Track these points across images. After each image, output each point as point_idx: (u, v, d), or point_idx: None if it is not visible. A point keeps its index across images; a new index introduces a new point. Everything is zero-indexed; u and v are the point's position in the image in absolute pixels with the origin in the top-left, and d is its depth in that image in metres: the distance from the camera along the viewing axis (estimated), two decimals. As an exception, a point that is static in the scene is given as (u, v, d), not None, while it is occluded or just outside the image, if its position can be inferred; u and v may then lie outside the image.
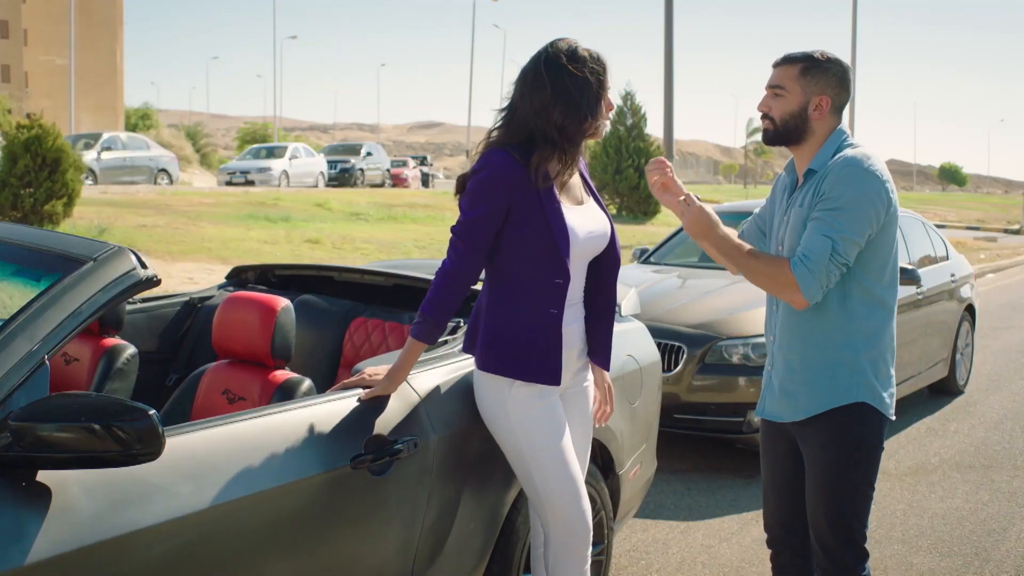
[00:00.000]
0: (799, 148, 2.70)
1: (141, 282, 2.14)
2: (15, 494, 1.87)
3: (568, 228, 2.54)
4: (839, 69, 2.66)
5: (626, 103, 23.73)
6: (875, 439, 2.68)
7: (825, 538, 2.71)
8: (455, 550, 2.72)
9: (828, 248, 2.50)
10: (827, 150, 2.64)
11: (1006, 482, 5.36)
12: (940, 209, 44.38)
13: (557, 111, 2.49)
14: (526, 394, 2.61)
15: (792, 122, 2.65)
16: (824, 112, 2.64)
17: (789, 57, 2.68)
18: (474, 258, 2.55)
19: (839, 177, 2.54)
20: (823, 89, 2.64)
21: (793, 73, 2.65)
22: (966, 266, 7.93)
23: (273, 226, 15.62)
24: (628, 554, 4.22)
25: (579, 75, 2.49)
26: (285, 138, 53.79)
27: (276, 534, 2.27)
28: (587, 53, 2.53)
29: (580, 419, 2.82)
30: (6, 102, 31.47)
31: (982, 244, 23.90)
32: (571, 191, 2.65)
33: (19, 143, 12.14)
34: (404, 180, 34.46)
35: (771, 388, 2.79)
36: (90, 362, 3.33)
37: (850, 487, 2.66)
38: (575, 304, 2.69)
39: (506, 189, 2.49)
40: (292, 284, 4.11)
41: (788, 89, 2.65)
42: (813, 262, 2.50)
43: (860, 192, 2.52)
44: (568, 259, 2.55)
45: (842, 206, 2.51)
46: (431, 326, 2.56)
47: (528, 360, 2.57)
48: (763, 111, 2.70)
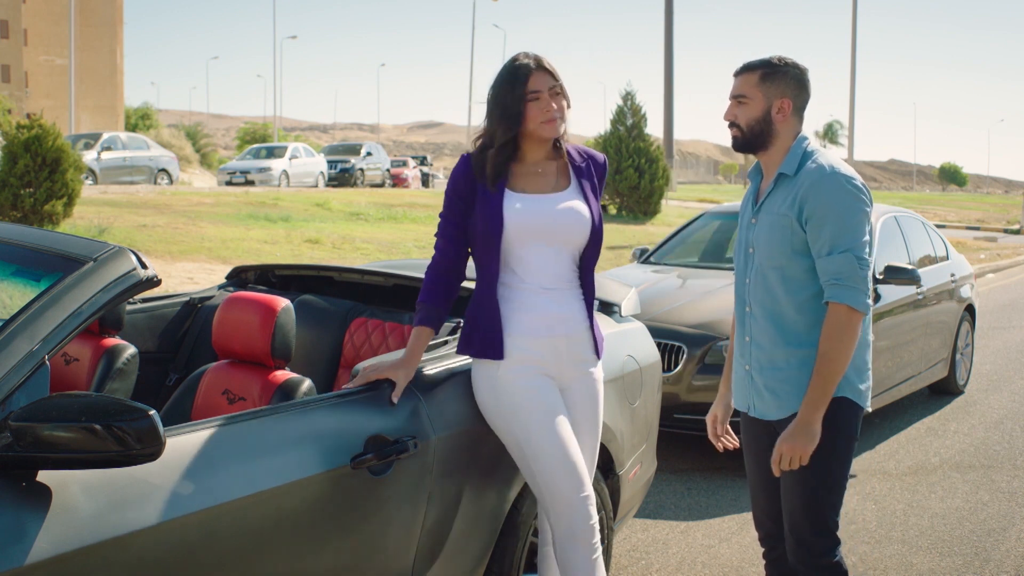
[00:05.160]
0: (767, 153, 2.81)
1: (141, 282, 2.15)
2: (15, 494, 1.87)
3: (502, 212, 2.67)
4: (796, 72, 2.77)
5: (626, 103, 23.69)
6: (852, 430, 2.75)
7: (799, 527, 2.77)
8: (455, 550, 2.72)
9: (853, 260, 2.62)
10: (795, 154, 2.75)
11: (1006, 482, 5.36)
12: (940, 209, 44.36)
13: (489, 121, 2.75)
14: (513, 378, 2.69)
15: (757, 127, 2.77)
16: (787, 114, 2.76)
17: (748, 65, 2.80)
18: (446, 249, 2.76)
19: (822, 192, 2.65)
20: (783, 92, 2.75)
21: (753, 80, 2.76)
22: (966, 266, 7.92)
23: (273, 226, 15.62)
24: (628, 554, 4.22)
25: (499, 88, 2.72)
26: (285, 138, 53.83)
27: (276, 534, 2.27)
28: (513, 64, 2.74)
29: (585, 415, 2.83)
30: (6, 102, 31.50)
31: (982, 244, 23.89)
32: (540, 179, 2.77)
33: (19, 143, 12.13)
34: (404, 180, 34.46)
35: (754, 387, 2.83)
36: (90, 362, 3.33)
37: (827, 477, 2.73)
38: (553, 289, 2.74)
39: (454, 187, 2.75)
40: (292, 284, 4.11)
41: (750, 96, 2.76)
42: (847, 279, 2.61)
43: (848, 202, 2.64)
44: (499, 242, 2.68)
45: (841, 216, 2.63)
46: (425, 311, 2.74)
47: (474, 335, 2.73)
48: (730, 120, 2.82)
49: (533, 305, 2.72)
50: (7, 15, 53.31)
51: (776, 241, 2.73)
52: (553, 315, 2.73)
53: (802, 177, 2.70)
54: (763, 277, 2.77)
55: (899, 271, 5.98)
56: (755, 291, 2.81)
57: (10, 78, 53.57)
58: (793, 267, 2.71)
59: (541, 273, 2.73)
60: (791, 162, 2.74)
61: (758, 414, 2.84)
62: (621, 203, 23.01)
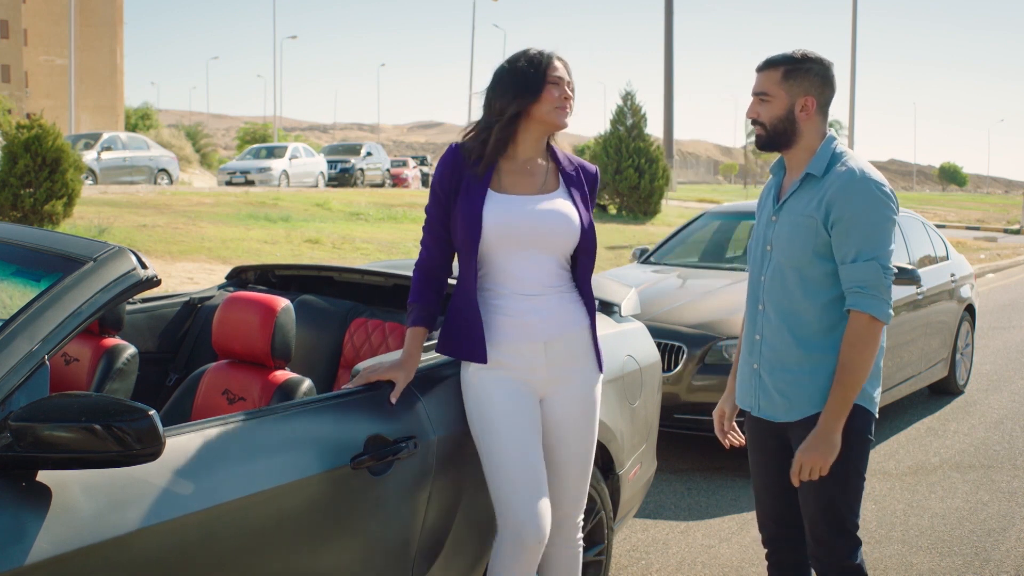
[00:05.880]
0: (791, 151, 2.74)
1: (141, 282, 2.15)
2: (15, 494, 1.87)
3: (482, 218, 2.62)
4: (820, 68, 2.69)
5: (626, 103, 23.68)
6: (865, 434, 2.73)
7: (818, 529, 2.75)
8: (455, 550, 2.72)
9: (878, 269, 2.57)
10: (823, 155, 2.68)
11: (1006, 482, 5.36)
12: (940, 209, 44.38)
13: (496, 100, 2.67)
14: (485, 380, 2.67)
15: (781, 125, 2.70)
16: (811, 112, 2.69)
17: (770, 61, 2.72)
18: (432, 246, 2.73)
19: (851, 197, 2.59)
20: (807, 90, 2.68)
21: (776, 77, 2.69)
22: (966, 266, 7.93)
23: (273, 226, 15.62)
24: (628, 554, 4.22)
25: (515, 68, 2.67)
26: (285, 138, 53.81)
27: (276, 534, 2.27)
28: (531, 52, 2.69)
29: (573, 421, 2.76)
30: (6, 102, 31.48)
31: (982, 244, 23.89)
32: (527, 178, 2.70)
33: (19, 143, 12.12)
34: (404, 180, 34.47)
35: (763, 387, 2.79)
36: (90, 362, 3.33)
37: (842, 480, 2.70)
38: (535, 296, 2.68)
39: (439, 177, 2.69)
40: (292, 284, 4.11)
41: (772, 94, 2.70)
42: (871, 288, 2.57)
43: (877, 209, 2.58)
44: (476, 248, 2.63)
45: (868, 223, 2.58)
46: (418, 310, 2.71)
47: (451, 335, 2.70)
48: (752, 117, 2.75)
49: (513, 311, 2.66)
50: (7, 15, 53.31)
51: (798, 242, 2.67)
52: (533, 322, 2.66)
53: (830, 180, 2.63)
54: (780, 276, 2.72)
55: (899, 271, 5.98)
56: (770, 290, 2.75)
57: (10, 78, 53.57)
58: (813, 269, 2.66)
59: (522, 279, 2.67)
60: (819, 163, 2.67)
61: (764, 415, 2.80)
62: (621, 203, 23.00)
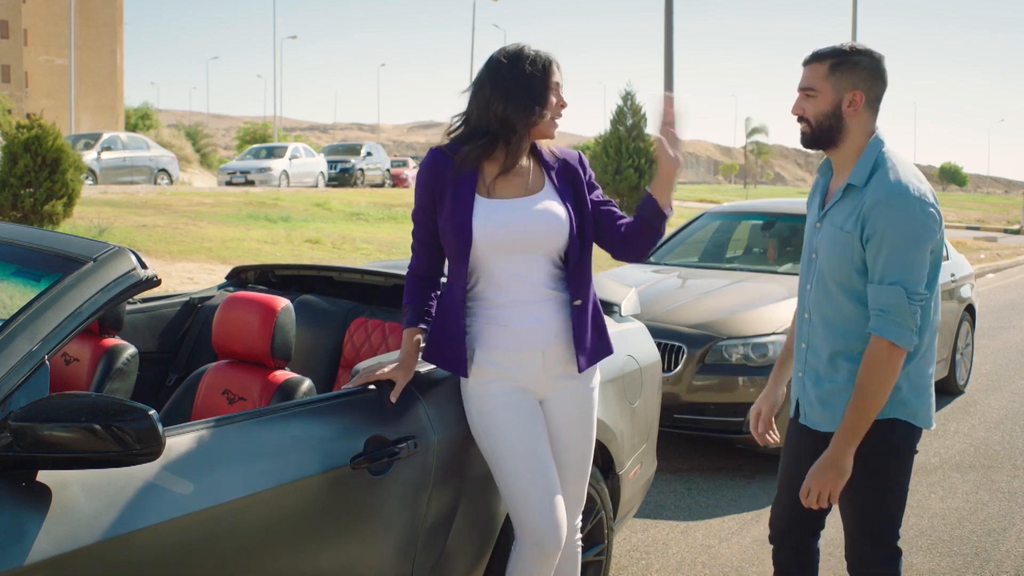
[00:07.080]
0: (836, 151, 2.61)
1: (141, 282, 2.14)
2: (15, 494, 1.87)
3: (471, 226, 2.55)
4: (870, 60, 2.55)
5: (626, 103, 23.66)
6: (908, 447, 2.64)
7: (855, 538, 2.70)
8: (455, 550, 2.72)
9: (902, 294, 2.44)
10: (866, 161, 2.55)
11: (1006, 482, 5.36)
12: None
13: (499, 104, 2.55)
14: (485, 392, 2.64)
15: (827, 122, 2.57)
16: (859, 107, 2.55)
17: (817, 54, 2.58)
18: (420, 251, 2.69)
19: (886, 214, 2.45)
20: (855, 84, 2.54)
21: (822, 72, 2.56)
22: (966, 266, 7.93)
23: (273, 226, 15.62)
24: (628, 554, 4.22)
25: (518, 70, 2.56)
26: (285, 138, 53.82)
27: (276, 534, 2.27)
28: (531, 52, 2.59)
29: (571, 423, 2.75)
30: (6, 102, 31.45)
31: (982, 244, 23.89)
32: (515, 179, 2.62)
33: (19, 143, 12.12)
34: (404, 180, 34.48)
35: (807, 396, 2.72)
36: (90, 362, 3.33)
37: (881, 492, 2.64)
38: (529, 302, 2.62)
39: (423, 181, 2.62)
40: (292, 284, 4.11)
41: (818, 89, 2.56)
42: (894, 314, 2.45)
43: (910, 229, 2.44)
44: (467, 257, 2.57)
45: (898, 246, 2.44)
46: (412, 312, 2.68)
47: (434, 343, 2.67)
48: (798, 114, 2.61)
49: (509, 320, 2.60)
50: (7, 15, 53.31)
51: (837, 257, 2.56)
52: (527, 329, 2.61)
53: (869, 191, 2.48)
54: (824, 287, 2.61)
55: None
56: (815, 300, 2.65)
57: (10, 78, 53.56)
58: (854, 283, 2.54)
59: (517, 286, 2.61)
60: (861, 170, 2.53)
61: (809, 422, 2.73)
62: (621, 203, 22.99)
